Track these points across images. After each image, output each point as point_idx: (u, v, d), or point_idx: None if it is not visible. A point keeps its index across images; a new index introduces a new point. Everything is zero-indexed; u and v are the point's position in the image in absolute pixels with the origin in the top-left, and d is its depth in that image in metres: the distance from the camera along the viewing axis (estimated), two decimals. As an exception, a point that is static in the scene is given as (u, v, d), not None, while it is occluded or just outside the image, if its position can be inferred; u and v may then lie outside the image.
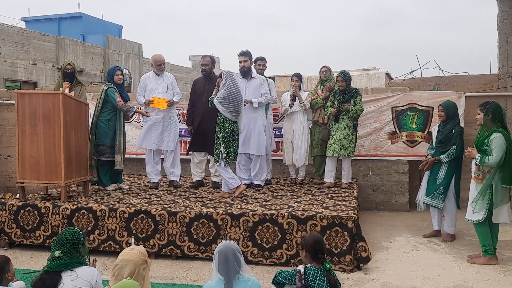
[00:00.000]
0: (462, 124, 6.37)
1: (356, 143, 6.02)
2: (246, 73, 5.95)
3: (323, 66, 6.33)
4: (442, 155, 5.05)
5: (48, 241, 4.88)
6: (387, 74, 17.17)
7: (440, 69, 7.16)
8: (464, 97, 6.49)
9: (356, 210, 4.60)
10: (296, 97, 6.07)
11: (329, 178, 6.08)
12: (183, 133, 6.90)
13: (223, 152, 5.23)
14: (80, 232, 2.81)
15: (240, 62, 5.93)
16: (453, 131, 5.08)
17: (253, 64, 6.20)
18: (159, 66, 6.06)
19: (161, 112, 5.98)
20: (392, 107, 6.69)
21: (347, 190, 5.76)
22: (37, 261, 4.58)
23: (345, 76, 5.86)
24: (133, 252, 2.58)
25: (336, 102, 5.89)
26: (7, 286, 2.86)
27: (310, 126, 6.23)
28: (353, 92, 5.89)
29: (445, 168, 5.08)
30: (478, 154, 4.30)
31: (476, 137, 4.47)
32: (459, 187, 5.14)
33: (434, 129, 5.43)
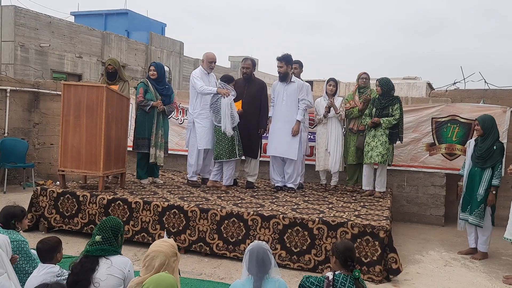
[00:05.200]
0: (505, 140, 6.17)
1: (393, 152, 5.91)
2: (283, 77, 5.98)
3: (364, 73, 6.22)
4: (494, 181, 4.82)
5: (85, 228, 5.06)
6: (429, 84, 16.74)
7: (485, 81, 6.91)
8: (510, 112, 6.25)
9: (388, 220, 4.52)
10: (331, 108, 6.03)
11: (367, 185, 5.98)
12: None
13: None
14: (122, 223, 2.92)
15: (277, 67, 5.97)
16: (494, 147, 4.87)
17: None
18: (210, 63, 6.04)
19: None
20: (432, 118, 6.53)
21: (381, 200, 5.66)
22: (72, 247, 4.75)
23: (382, 82, 5.74)
24: (164, 244, 2.63)
25: (374, 110, 5.79)
26: (55, 265, 2.98)
27: (344, 133, 6.17)
28: (391, 99, 5.74)
29: (485, 185, 4.90)
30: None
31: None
32: (495, 204, 4.95)
33: (470, 143, 5.20)
